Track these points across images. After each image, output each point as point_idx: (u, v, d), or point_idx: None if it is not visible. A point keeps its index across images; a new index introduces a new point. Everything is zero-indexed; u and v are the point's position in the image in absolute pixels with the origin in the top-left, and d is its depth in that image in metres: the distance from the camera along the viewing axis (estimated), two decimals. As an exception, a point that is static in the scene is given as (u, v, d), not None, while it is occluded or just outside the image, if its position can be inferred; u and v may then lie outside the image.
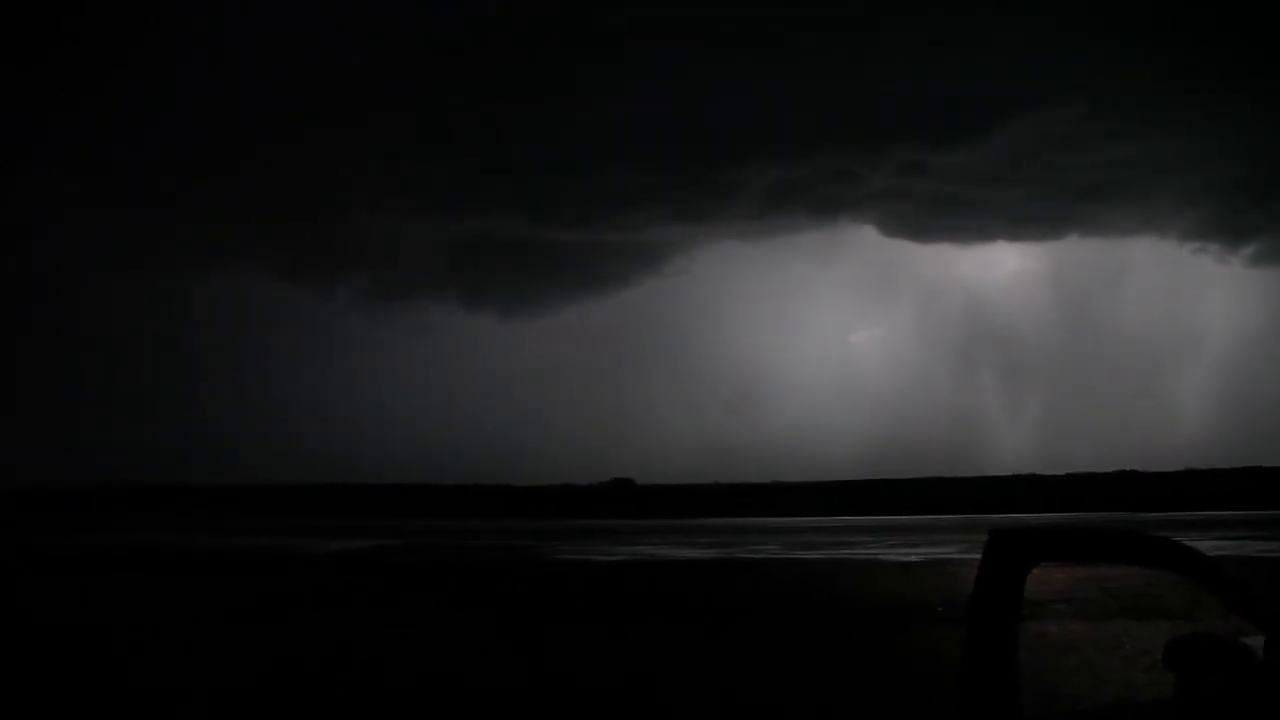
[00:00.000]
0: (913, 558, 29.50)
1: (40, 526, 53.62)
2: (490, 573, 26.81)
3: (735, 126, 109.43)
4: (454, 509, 76.98)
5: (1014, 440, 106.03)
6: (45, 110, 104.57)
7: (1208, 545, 24.62)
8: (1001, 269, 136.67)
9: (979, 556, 4.24)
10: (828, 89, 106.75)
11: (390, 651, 13.56)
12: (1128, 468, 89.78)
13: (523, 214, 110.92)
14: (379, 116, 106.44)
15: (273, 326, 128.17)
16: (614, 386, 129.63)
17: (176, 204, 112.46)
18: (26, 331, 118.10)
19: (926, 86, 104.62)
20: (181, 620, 16.78)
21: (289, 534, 47.77)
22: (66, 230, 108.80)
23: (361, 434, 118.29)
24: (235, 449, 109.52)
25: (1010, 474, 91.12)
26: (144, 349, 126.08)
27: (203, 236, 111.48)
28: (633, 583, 24.02)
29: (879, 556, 30.77)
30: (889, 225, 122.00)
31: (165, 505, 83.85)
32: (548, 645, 14.27)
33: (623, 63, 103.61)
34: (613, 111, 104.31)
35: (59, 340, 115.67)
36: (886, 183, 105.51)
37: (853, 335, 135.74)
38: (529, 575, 26.21)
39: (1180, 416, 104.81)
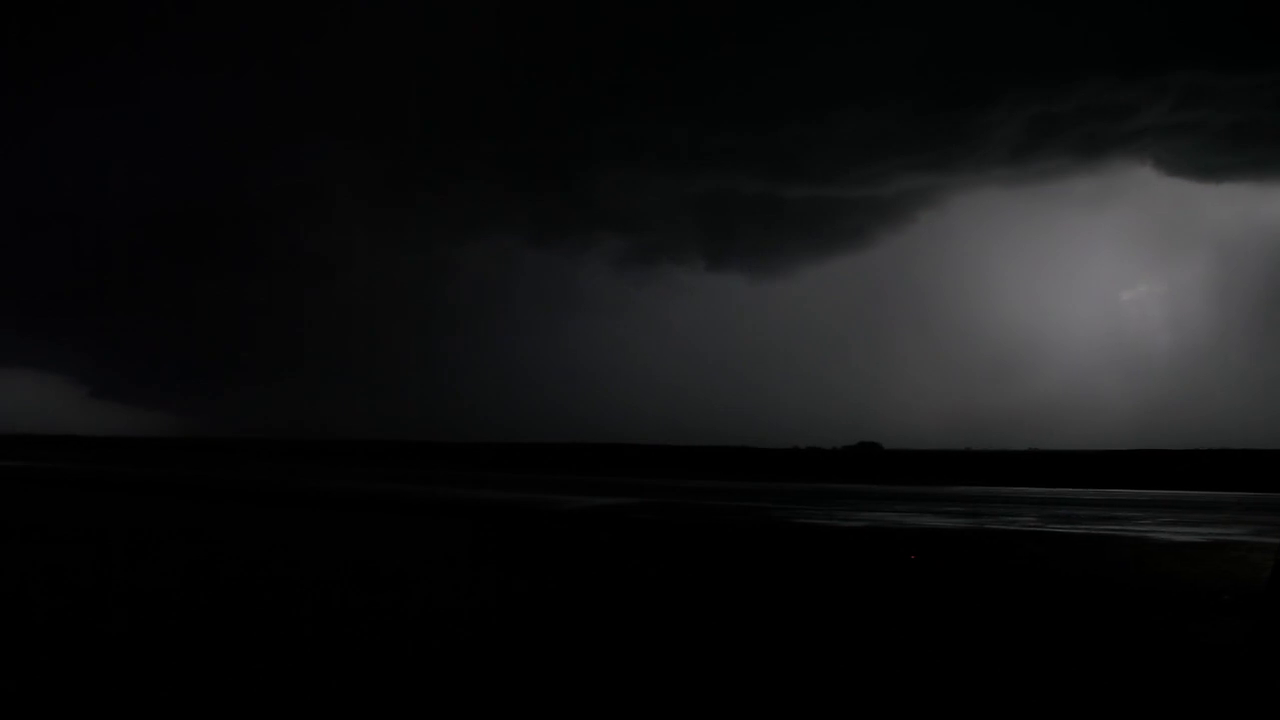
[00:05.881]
0: (1193, 538, 26.52)
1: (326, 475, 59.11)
2: (722, 533, 26.55)
3: (986, 58, 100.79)
4: (696, 469, 77.77)
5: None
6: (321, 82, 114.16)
7: None
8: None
9: (1279, 540, 3.24)
10: (1089, 6, 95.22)
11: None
12: None
13: (764, 169, 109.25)
14: (624, 75, 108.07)
15: (524, 291, 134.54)
16: (861, 347, 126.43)
17: (445, 178, 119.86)
18: (313, 301, 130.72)
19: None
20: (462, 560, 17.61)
21: (539, 489, 49.91)
22: (354, 206, 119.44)
23: (609, 396, 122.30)
24: (492, 410, 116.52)
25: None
26: (410, 317, 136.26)
27: (469, 204, 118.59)
28: (874, 551, 23.01)
29: (1151, 534, 27.91)
30: (1170, 164, 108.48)
31: (422, 460, 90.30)
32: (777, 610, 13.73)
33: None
34: (852, 52, 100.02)
35: (333, 307, 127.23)
36: (1165, 115, 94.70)
37: (1126, 291, 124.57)
38: (760, 538, 25.72)
39: None
